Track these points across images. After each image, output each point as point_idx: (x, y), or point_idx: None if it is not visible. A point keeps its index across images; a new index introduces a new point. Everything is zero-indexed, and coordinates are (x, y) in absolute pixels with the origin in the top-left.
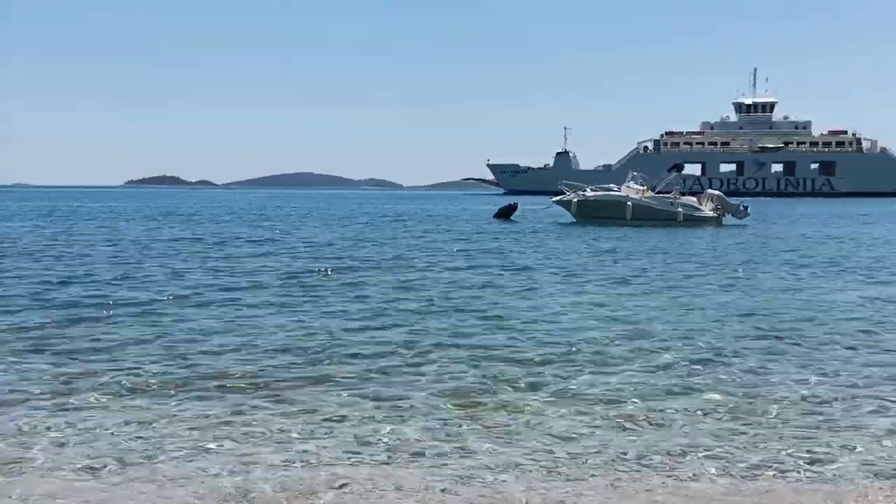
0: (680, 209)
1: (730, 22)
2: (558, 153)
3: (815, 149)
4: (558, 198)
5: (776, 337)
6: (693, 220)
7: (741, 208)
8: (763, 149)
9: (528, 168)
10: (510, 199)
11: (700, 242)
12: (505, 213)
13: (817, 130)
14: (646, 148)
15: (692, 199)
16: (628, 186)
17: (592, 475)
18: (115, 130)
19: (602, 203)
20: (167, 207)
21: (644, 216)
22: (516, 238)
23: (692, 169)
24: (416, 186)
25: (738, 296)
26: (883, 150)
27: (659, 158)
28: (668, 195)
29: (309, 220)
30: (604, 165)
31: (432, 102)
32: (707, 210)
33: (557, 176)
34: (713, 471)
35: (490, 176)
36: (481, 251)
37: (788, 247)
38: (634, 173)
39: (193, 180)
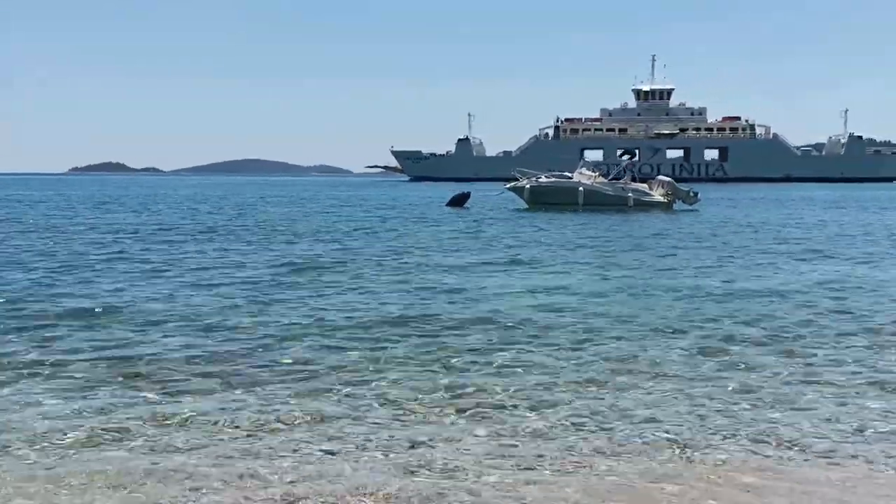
0: (630, 195)
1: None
2: (460, 140)
3: (710, 134)
4: (511, 184)
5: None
6: (644, 206)
7: (691, 194)
8: (658, 135)
9: (431, 154)
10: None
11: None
12: (458, 202)
13: (713, 117)
14: (546, 135)
15: (643, 186)
16: (580, 172)
17: None
18: (58, 115)
19: (554, 189)
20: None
21: (595, 202)
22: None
23: (594, 155)
24: (367, 173)
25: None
26: (775, 136)
27: (559, 145)
28: (619, 181)
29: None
30: (504, 152)
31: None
32: (657, 196)
33: (458, 162)
34: None
35: (395, 162)
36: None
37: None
38: (586, 160)
39: (140, 167)
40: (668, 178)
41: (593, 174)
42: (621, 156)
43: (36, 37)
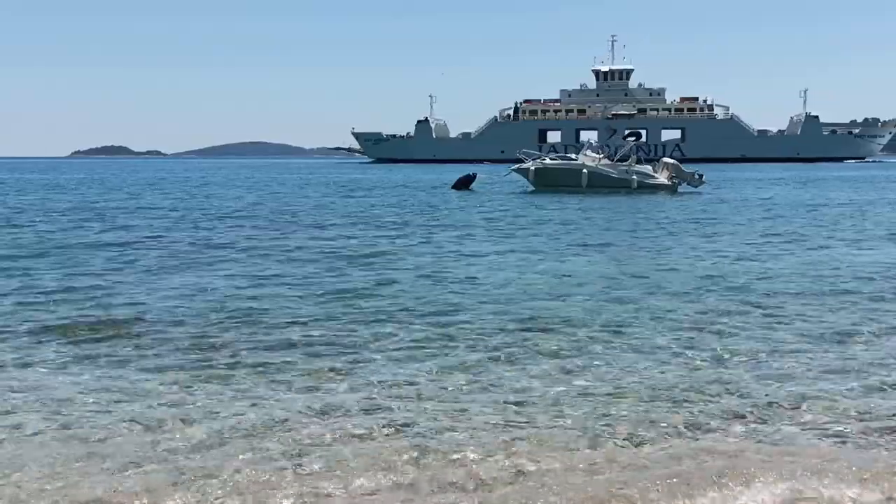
0: (635, 177)
1: None
2: (419, 121)
3: (668, 115)
4: (517, 166)
5: None
6: (648, 188)
7: (696, 176)
8: (616, 115)
9: (391, 136)
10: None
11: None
12: (464, 184)
13: (672, 98)
14: (508, 116)
15: (647, 168)
16: (585, 154)
17: None
18: (60, 99)
19: (559, 171)
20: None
21: (600, 183)
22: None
23: (553, 136)
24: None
25: None
26: (733, 116)
27: (517, 126)
28: (624, 163)
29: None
30: (463, 133)
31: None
32: (662, 178)
33: (418, 144)
34: None
35: (356, 144)
36: None
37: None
38: (592, 142)
39: (142, 150)
40: (672, 161)
41: (598, 156)
42: (626, 137)
43: (38, 23)
